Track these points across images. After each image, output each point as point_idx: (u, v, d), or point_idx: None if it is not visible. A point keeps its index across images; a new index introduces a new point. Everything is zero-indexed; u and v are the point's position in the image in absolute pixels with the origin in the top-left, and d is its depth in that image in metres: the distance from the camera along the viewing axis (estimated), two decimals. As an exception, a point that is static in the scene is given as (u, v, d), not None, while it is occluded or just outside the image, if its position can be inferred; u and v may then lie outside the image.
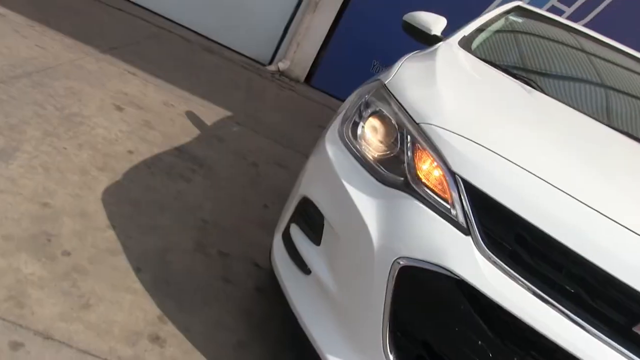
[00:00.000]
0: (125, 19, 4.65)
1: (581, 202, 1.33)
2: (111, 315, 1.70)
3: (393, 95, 1.65)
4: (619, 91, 2.63)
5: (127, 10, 4.86)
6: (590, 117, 2.17)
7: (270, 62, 5.35)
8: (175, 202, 2.42)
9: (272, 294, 2.00)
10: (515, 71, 2.36)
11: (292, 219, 1.73)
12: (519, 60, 2.58)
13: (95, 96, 2.96)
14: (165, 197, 2.41)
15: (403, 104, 1.60)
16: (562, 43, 2.88)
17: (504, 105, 1.80)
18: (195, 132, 3.23)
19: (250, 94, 4.49)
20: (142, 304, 1.80)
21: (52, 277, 1.71)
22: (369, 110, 1.65)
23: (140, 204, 2.29)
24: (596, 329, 1.26)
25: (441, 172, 1.43)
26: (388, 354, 1.40)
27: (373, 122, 1.63)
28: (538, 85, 2.26)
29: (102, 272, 1.83)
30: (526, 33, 2.87)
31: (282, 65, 5.24)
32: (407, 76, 1.77)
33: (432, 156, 1.45)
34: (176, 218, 2.31)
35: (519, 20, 2.87)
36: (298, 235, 1.69)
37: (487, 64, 2.27)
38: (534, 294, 1.30)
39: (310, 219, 1.64)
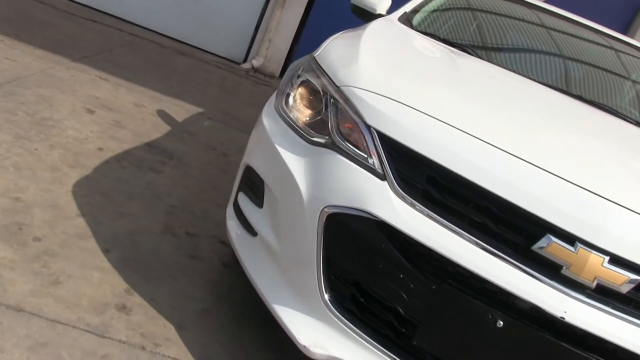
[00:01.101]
0: (99, 29, 4.81)
1: (481, 140, 1.49)
2: (80, 290, 1.85)
3: (320, 66, 1.80)
4: (557, 54, 2.77)
5: (101, 21, 5.03)
6: (525, 77, 2.32)
7: (244, 60, 5.51)
8: (144, 192, 2.58)
9: (238, 267, 2.15)
10: (454, 41, 2.51)
11: (240, 188, 1.89)
12: (461, 32, 2.73)
13: (67, 101, 3.12)
14: (134, 188, 2.57)
15: (327, 72, 1.76)
16: (506, 15, 3.03)
17: (425, 67, 1.95)
18: (166, 128, 3.39)
19: (224, 91, 4.65)
20: (110, 280, 1.96)
21: (23, 260, 1.87)
22: (298, 81, 1.80)
23: (110, 194, 2.44)
24: (502, 252, 1.41)
25: (358, 127, 1.58)
26: (324, 296, 1.55)
27: (301, 91, 1.78)
28: (475, 52, 2.41)
29: (71, 254, 1.99)
30: (470, 8, 3.02)
31: (255, 63, 5.40)
32: (334, 47, 1.93)
33: (350, 114, 1.60)
34: (145, 205, 2.47)
35: (462, -7, 3.02)
36: (244, 202, 1.85)
37: (424, 35, 2.42)
38: (445, 226, 1.44)
39: (253, 185, 1.80)
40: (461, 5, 2.95)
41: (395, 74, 1.74)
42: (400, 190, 1.48)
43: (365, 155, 1.54)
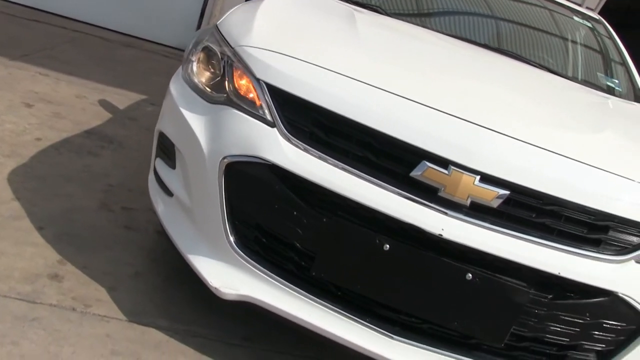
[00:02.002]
0: (41, 28, 4.84)
1: (360, 81, 1.60)
2: (12, 264, 1.94)
3: (220, 32, 1.90)
4: (469, 8, 2.89)
5: (44, 20, 5.04)
6: (432, 29, 2.45)
7: (192, 48, 5.56)
8: (82, 174, 2.66)
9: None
10: (363, 2, 2.61)
11: (157, 154, 1.99)
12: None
13: (4, 98, 3.17)
14: (71, 171, 2.65)
15: (225, 36, 1.86)
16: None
17: (320, 24, 2.05)
18: (107, 116, 3.46)
19: (170, 78, 4.70)
20: (43, 253, 2.04)
21: (-45, 241, 1.95)
22: (200, 47, 1.90)
23: (46, 179, 2.52)
24: (383, 181, 1.53)
25: (250, 82, 1.68)
26: (230, 241, 1.66)
27: (203, 56, 1.88)
28: (384, 10, 2.52)
29: (5, 234, 2.07)
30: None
31: (202, 49, 5.45)
32: (235, 14, 2.03)
33: (242, 70, 1.71)
34: (82, 186, 2.55)
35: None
36: (161, 166, 1.94)
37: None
38: (331, 163, 1.56)
39: (166, 149, 1.90)
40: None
41: (286, 32, 1.85)
42: (289, 135, 1.58)
43: (257, 107, 1.64)
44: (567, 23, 3.17)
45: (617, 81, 2.87)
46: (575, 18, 3.19)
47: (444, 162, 1.48)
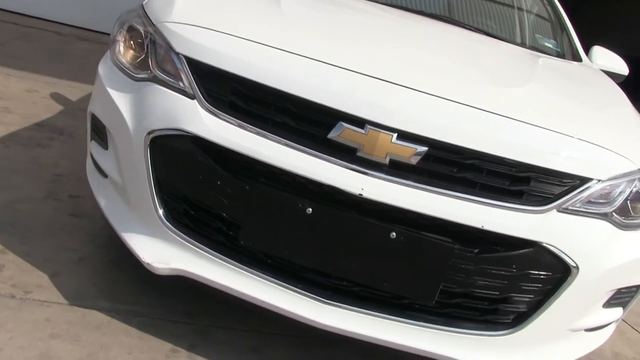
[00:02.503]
0: (-9, 26, 4.78)
1: (275, 47, 1.60)
2: (-51, 256, 1.92)
3: (145, 12, 1.89)
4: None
5: (-5, 18, 4.99)
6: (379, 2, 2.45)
7: (150, 38, 5.52)
8: (30, 166, 2.64)
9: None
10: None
11: (91, 137, 1.97)
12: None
13: (-51, 95, 3.14)
14: (19, 163, 2.63)
15: (148, 14, 1.85)
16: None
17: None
18: (59, 108, 3.44)
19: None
20: (-18, 245, 2.03)
21: None
22: (125, 27, 1.89)
23: (-9, 172, 2.50)
24: (303, 145, 1.53)
25: (171, 57, 1.68)
26: (160, 215, 1.66)
27: (127, 35, 1.87)
28: None
29: (-58, 227, 2.05)
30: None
31: (161, 39, 5.41)
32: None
33: (163, 46, 1.70)
34: (29, 177, 2.53)
35: None
36: (95, 148, 1.93)
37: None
38: (252, 131, 1.56)
39: (98, 131, 1.89)
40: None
41: (207, 7, 1.84)
42: (209, 106, 1.58)
43: (178, 80, 1.64)
44: None
45: (555, 42, 2.89)
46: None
47: (360, 122, 1.48)
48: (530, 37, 2.90)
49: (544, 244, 1.54)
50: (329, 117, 1.50)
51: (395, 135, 1.48)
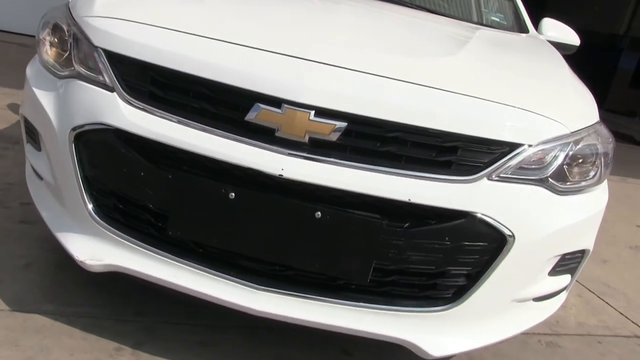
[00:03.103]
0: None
1: (190, 33, 1.58)
2: None
3: (69, 9, 1.87)
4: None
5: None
6: None
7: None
8: (-20, 176, 2.62)
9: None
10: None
11: (26, 140, 1.95)
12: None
13: None
14: (-32, 175, 2.60)
15: (71, 11, 1.83)
16: None
17: None
18: (15, 118, 3.41)
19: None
20: None
21: None
22: (50, 25, 1.87)
23: (-61, 185, 2.48)
24: (222, 130, 1.51)
25: (91, 51, 1.66)
26: (89, 210, 1.64)
27: (52, 34, 1.85)
28: None
29: None
30: None
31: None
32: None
33: (84, 41, 1.68)
34: (-22, 188, 2.51)
35: None
36: (30, 151, 1.91)
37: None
38: (172, 120, 1.54)
39: (31, 132, 1.87)
40: None
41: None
42: (128, 97, 1.57)
43: (97, 74, 1.62)
44: None
45: (502, 15, 2.88)
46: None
47: (276, 102, 1.47)
48: (476, 12, 2.88)
49: (476, 214, 1.52)
50: (246, 99, 1.48)
51: (312, 112, 1.46)
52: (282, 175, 1.46)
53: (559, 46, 2.90)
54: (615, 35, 12.80)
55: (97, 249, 1.65)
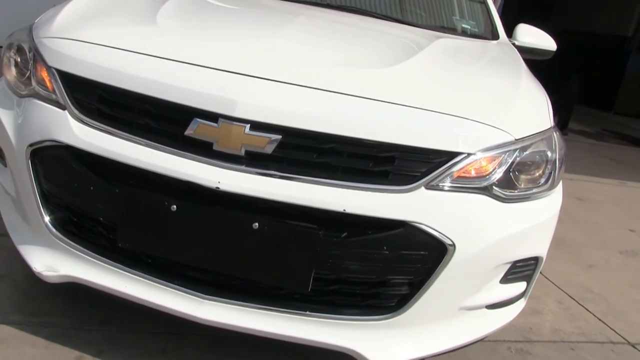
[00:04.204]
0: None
1: (134, 52, 1.64)
2: None
3: (31, 30, 1.95)
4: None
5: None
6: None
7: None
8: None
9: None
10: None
11: (-6, 158, 2.04)
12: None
13: None
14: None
15: (32, 33, 1.91)
16: None
17: (129, 7, 2.09)
18: None
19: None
20: None
21: None
22: (13, 46, 1.95)
23: None
24: (163, 144, 1.57)
25: (45, 70, 1.73)
26: (46, 222, 1.71)
27: (14, 54, 1.93)
28: None
29: None
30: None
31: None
32: (48, 12, 2.07)
33: (40, 61, 1.76)
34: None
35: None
36: (-1, 168, 2.00)
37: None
38: (118, 135, 1.61)
39: (-1, 150, 1.95)
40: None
41: (83, 20, 1.88)
42: (78, 114, 1.63)
43: (52, 93, 1.69)
44: None
45: (473, 22, 2.90)
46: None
47: (213, 117, 1.52)
48: (446, 20, 2.90)
49: (413, 223, 1.55)
50: (185, 114, 1.53)
51: (248, 126, 1.50)
52: (219, 188, 1.50)
53: (535, 52, 2.91)
54: (624, 37, 12.66)
55: (53, 260, 1.71)
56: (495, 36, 2.83)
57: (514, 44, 2.92)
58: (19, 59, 1.91)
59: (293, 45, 1.88)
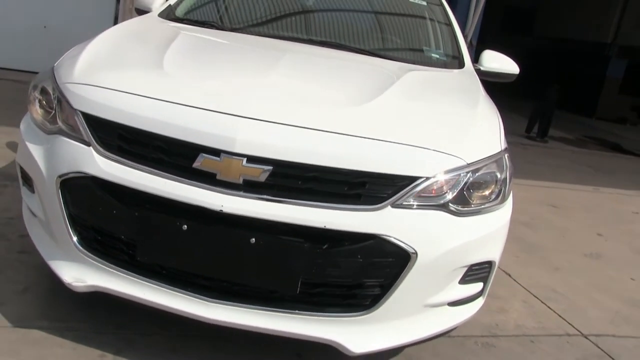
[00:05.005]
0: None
1: (147, 97, 2.05)
2: None
3: (53, 73, 2.36)
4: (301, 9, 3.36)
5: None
6: (262, 35, 2.95)
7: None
8: (-17, 212, 3.10)
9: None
10: (205, 21, 3.08)
11: (22, 184, 2.44)
12: (221, 11, 3.30)
13: None
14: (-27, 211, 3.08)
15: (55, 76, 2.32)
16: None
17: (138, 52, 2.51)
18: (13, 156, 3.90)
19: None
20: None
21: None
22: (38, 88, 2.36)
23: (-52, 221, 2.96)
24: (175, 175, 1.98)
25: (70, 112, 2.14)
26: (74, 241, 2.11)
27: (40, 95, 2.34)
28: (229, 26, 3.00)
29: None
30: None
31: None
32: (68, 55, 2.49)
33: (65, 103, 2.17)
34: (-18, 223, 2.99)
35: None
36: (25, 193, 2.40)
37: (175, 23, 2.99)
38: (135, 167, 2.01)
39: (25, 177, 2.34)
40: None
41: (102, 65, 2.29)
42: (101, 150, 2.04)
43: (77, 131, 2.10)
44: (399, 4, 3.65)
45: (442, 52, 3.34)
46: (410, -2, 3.67)
47: (216, 152, 1.93)
48: (417, 52, 3.35)
49: (382, 236, 1.97)
50: (192, 150, 1.95)
51: (245, 159, 1.92)
52: (222, 210, 1.92)
53: (499, 75, 3.37)
54: (603, 43, 13.28)
55: (81, 273, 2.11)
56: (461, 64, 3.27)
57: (479, 70, 3.37)
58: (44, 100, 2.32)
59: (281, 86, 2.31)
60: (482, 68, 3.37)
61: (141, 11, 3.43)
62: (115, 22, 6.11)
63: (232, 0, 3.49)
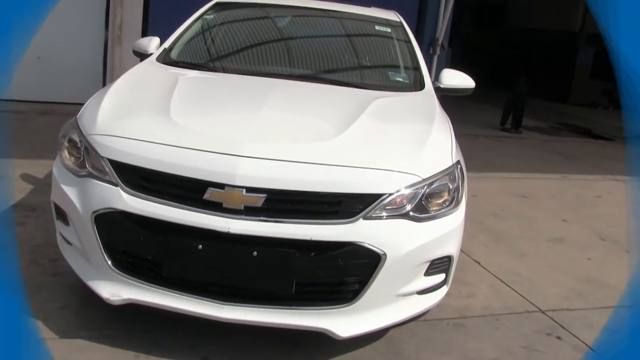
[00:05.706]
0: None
1: (161, 143, 2.62)
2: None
3: (77, 123, 2.94)
4: (288, 46, 3.95)
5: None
6: (252, 74, 3.54)
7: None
8: (12, 242, 3.66)
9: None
10: (198, 63, 3.67)
11: (56, 218, 3.02)
12: (203, 53, 3.89)
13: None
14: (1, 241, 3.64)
15: (81, 127, 2.89)
16: (256, 18, 4.19)
17: (146, 100, 3.10)
18: (29, 188, 4.46)
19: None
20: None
21: None
22: (66, 138, 2.94)
23: (-15, 251, 3.51)
24: (189, 205, 2.56)
25: (98, 159, 2.72)
26: (109, 265, 2.68)
27: (68, 144, 2.91)
28: (211, 67, 3.58)
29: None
30: (224, 23, 4.17)
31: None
32: (88, 105, 3.06)
33: (92, 152, 2.75)
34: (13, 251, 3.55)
35: (214, 16, 4.17)
36: (60, 225, 2.98)
37: (172, 67, 3.58)
38: (157, 202, 2.59)
39: (60, 213, 2.92)
40: (207, 26, 4.10)
41: (119, 115, 2.88)
42: (127, 189, 2.61)
43: (105, 175, 2.68)
44: (366, 33, 4.25)
45: (405, 75, 3.95)
46: (377, 26, 4.27)
47: (221, 186, 2.51)
48: (384, 77, 3.96)
49: (357, 243, 2.57)
50: (201, 185, 2.53)
51: (244, 190, 2.50)
52: (229, 231, 2.51)
53: (457, 91, 3.98)
54: (572, 32, 13.99)
55: (116, 289, 2.69)
56: (422, 86, 3.88)
57: (439, 87, 3.98)
58: (72, 148, 2.89)
59: (270, 121, 2.91)
60: (441, 85, 3.97)
61: (138, 53, 3.99)
62: (105, 52, 6.63)
63: (216, 39, 4.07)
